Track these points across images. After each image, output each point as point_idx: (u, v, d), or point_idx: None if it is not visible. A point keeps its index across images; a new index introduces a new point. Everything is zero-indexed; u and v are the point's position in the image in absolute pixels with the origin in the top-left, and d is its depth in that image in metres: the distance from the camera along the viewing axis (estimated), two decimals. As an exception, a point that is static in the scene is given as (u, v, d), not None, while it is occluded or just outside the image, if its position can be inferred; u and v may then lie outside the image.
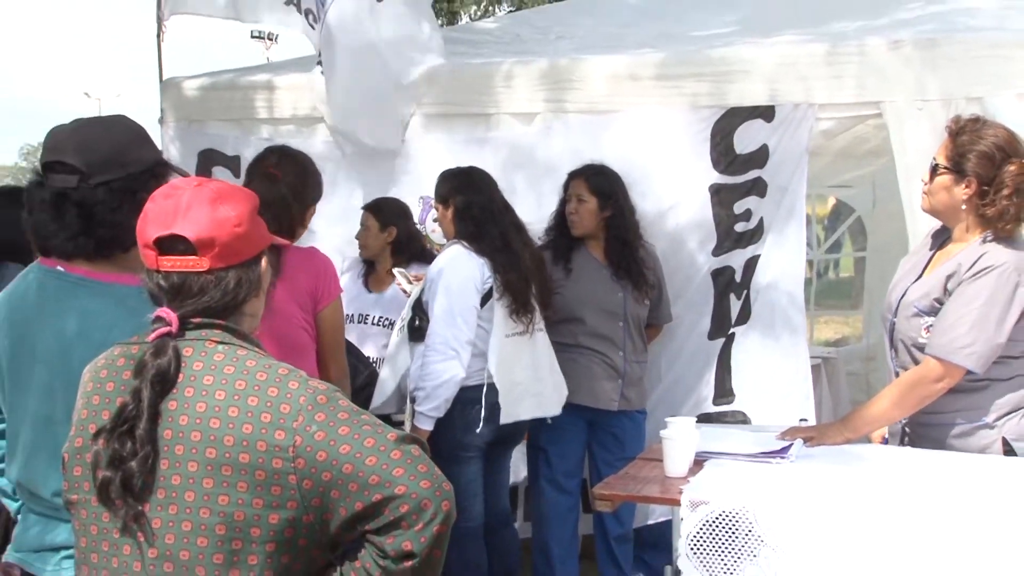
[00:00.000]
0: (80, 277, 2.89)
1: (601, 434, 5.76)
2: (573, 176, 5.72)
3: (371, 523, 2.22)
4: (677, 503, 3.45)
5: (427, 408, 5.03)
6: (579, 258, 5.73)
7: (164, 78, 6.96)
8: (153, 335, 2.30)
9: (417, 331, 5.23)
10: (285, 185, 4.24)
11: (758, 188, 5.70)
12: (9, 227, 5.59)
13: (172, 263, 2.32)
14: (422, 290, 5.28)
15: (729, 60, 5.75)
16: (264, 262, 2.47)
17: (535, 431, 5.64)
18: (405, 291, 5.65)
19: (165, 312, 2.32)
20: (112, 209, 2.83)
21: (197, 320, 2.34)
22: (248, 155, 6.49)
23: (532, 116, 6.25)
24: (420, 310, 5.24)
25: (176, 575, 2.24)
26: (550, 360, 5.44)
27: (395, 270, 5.83)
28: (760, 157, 5.66)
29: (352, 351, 5.17)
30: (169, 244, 2.31)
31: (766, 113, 5.61)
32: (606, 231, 5.70)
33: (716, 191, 5.75)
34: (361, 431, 2.23)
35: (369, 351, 5.86)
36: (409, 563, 2.21)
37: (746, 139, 5.67)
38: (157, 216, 2.34)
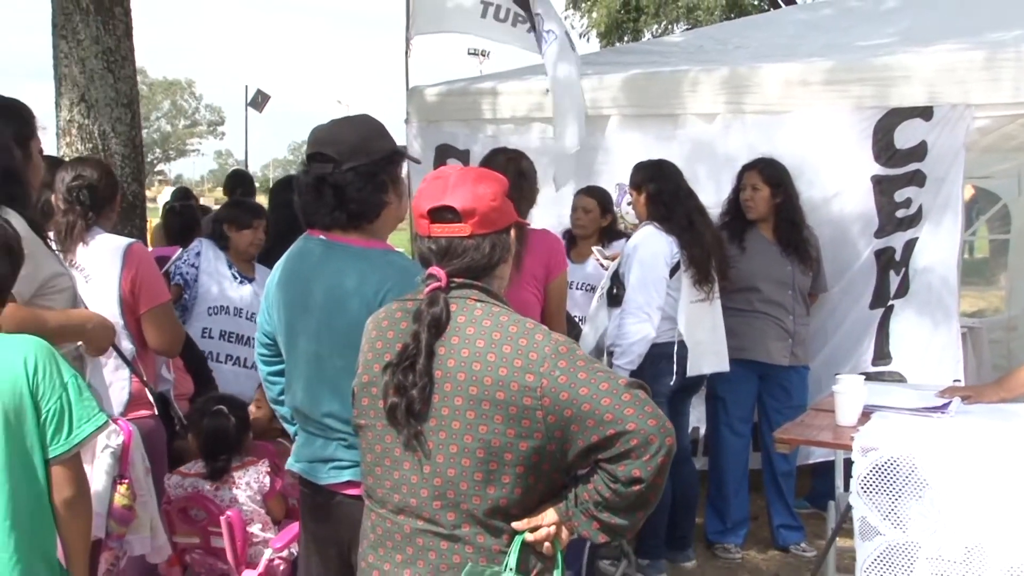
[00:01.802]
0: (336, 243, 2.98)
1: (771, 386, 5.69)
2: (748, 168, 5.65)
3: (604, 453, 2.23)
4: (849, 448, 3.37)
5: (623, 362, 5.02)
6: (752, 238, 5.67)
7: (409, 87, 7.05)
8: (427, 289, 2.34)
9: (615, 298, 5.23)
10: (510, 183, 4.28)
11: (917, 179, 5.57)
12: (291, 208, 5.82)
13: (441, 229, 2.37)
14: (619, 263, 5.27)
15: (892, 67, 5.61)
16: (512, 234, 2.48)
17: (714, 383, 5.61)
18: (603, 264, 5.69)
19: (436, 270, 2.36)
20: (359, 188, 2.92)
21: (459, 280, 2.37)
22: (476, 149, 6.64)
23: (713, 116, 6.21)
24: (617, 280, 5.24)
25: (444, 488, 2.29)
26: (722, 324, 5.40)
27: (594, 248, 5.86)
28: (919, 152, 5.52)
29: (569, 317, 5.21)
30: (439, 213, 2.37)
31: (925, 113, 5.47)
32: (776, 215, 5.63)
33: (878, 181, 5.65)
34: (596, 376, 2.24)
35: (573, 312, 5.87)
36: (637, 487, 2.22)
37: (906, 136, 5.53)
38: (430, 192, 2.40)
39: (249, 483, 4.06)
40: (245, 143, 51.14)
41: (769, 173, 5.58)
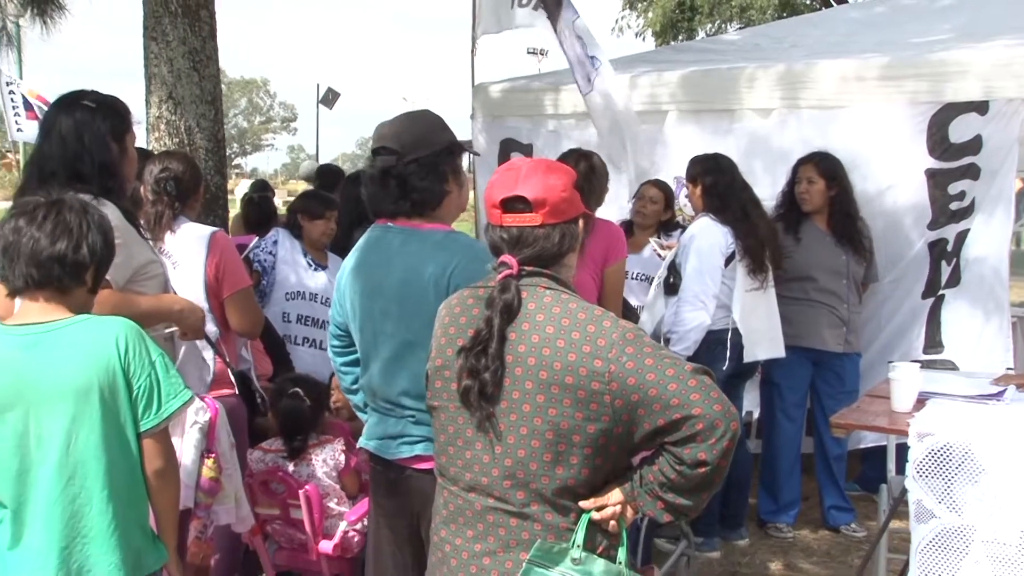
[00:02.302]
0: (402, 228, 3.01)
1: (825, 372, 5.61)
2: (803, 161, 5.57)
3: (670, 436, 2.20)
4: (904, 434, 3.29)
5: (679, 348, 4.97)
6: (807, 229, 5.59)
7: (475, 83, 7.04)
8: (499, 277, 2.33)
9: (671, 287, 5.18)
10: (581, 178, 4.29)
11: (972, 172, 5.44)
12: (360, 201, 5.84)
13: (513, 219, 2.35)
14: (675, 253, 5.22)
15: (947, 62, 5.48)
16: (580, 224, 2.45)
17: (769, 369, 5.55)
18: (659, 255, 5.63)
19: (507, 258, 2.34)
20: (421, 178, 2.96)
21: (530, 268, 2.35)
22: (539, 143, 6.63)
23: (769, 111, 6.11)
24: (674, 270, 5.19)
25: (515, 468, 2.28)
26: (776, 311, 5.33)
27: (651, 239, 5.80)
28: (974, 145, 5.39)
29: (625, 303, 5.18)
30: (511, 203, 2.35)
31: (980, 107, 5.33)
32: (831, 206, 5.56)
33: (932, 175, 5.52)
34: (663, 362, 2.21)
35: (631, 300, 5.83)
36: (703, 470, 2.19)
37: (961, 130, 5.40)
38: (502, 183, 2.38)
39: (325, 460, 4.08)
40: (316, 138, 51.52)
41: (824, 166, 5.50)
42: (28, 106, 14.37)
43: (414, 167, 2.95)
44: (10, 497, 2.49)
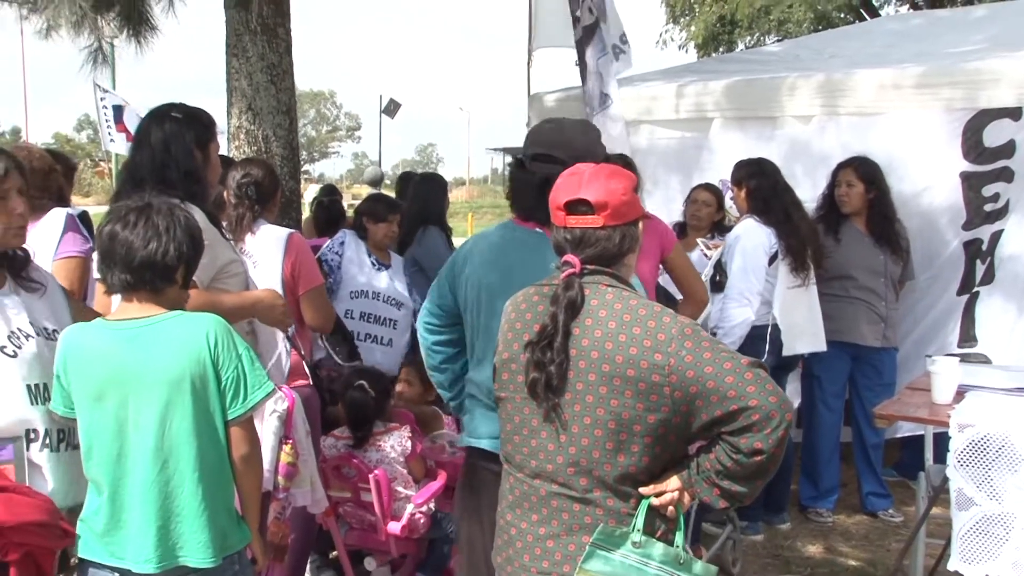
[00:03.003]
0: (544, 234, 2.78)
1: (863, 366, 5.54)
2: (843, 166, 5.50)
3: (727, 426, 2.18)
4: (945, 425, 3.24)
5: (725, 343, 4.89)
6: (846, 230, 5.52)
7: (531, 93, 7.01)
8: (563, 275, 2.30)
9: (717, 284, 5.14)
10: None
11: (1005, 175, 5.33)
12: (427, 200, 5.86)
13: (576, 221, 2.33)
14: (721, 252, 5.18)
15: (982, 71, 5.39)
16: (640, 226, 2.42)
17: (810, 362, 5.47)
18: (706, 254, 5.57)
19: (570, 258, 2.32)
20: None
21: (592, 267, 2.32)
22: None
23: (810, 118, 6.05)
24: (720, 268, 5.15)
25: (579, 455, 2.26)
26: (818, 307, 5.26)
27: (699, 239, 5.74)
28: (1008, 149, 5.28)
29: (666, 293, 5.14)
30: (574, 206, 2.32)
31: (1014, 113, 5.24)
32: (870, 209, 5.48)
33: (966, 177, 5.43)
34: (720, 356, 2.19)
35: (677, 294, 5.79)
36: (758, 458, 2.17)
37: (994, 135, 5.31)
38: (566, 186, 2.36)
39: (393, 446, 4.08)
40: (379, 145, 51.94)
41: (864, 171, 5.43)
42: (119, 118, 14.67)
43: None
44: (109, 480, 2.51)
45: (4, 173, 2.66)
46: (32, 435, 2.63)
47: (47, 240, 3.64)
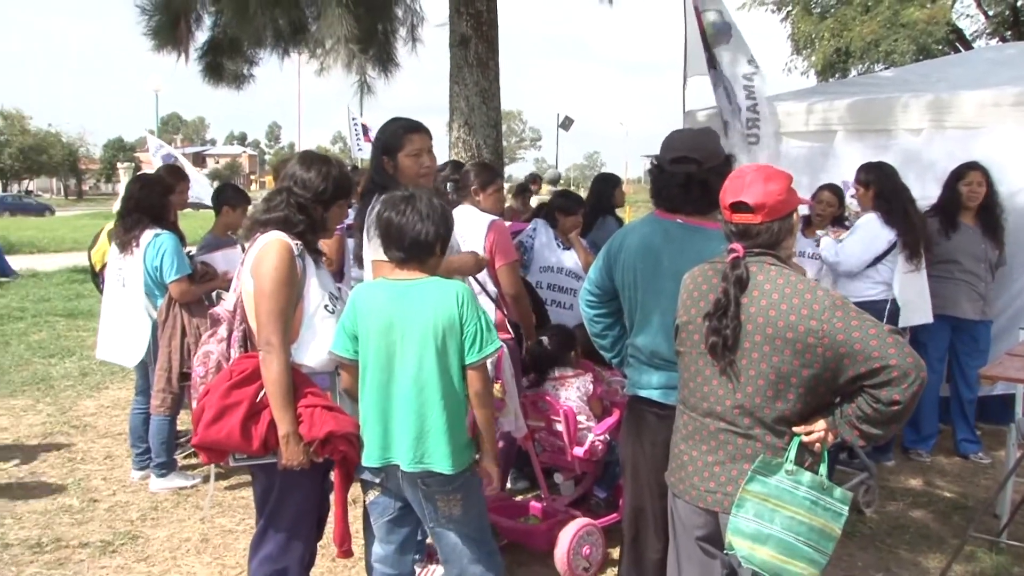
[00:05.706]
0: (690, 225, 2.73)
1: (963, 335, 5.24)
2: (972, 168, 5.13)
3: (869, 380, 2.08)
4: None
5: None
6: (957, 222, 5.18)
7: (686, 109, 6.82)
8: (730, 258, 2.24)
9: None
10: None
11: None
12: (602, 195, 5.79)
13: (739, 218, 2.25)
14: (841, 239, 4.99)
15: None
16: (796, 215, 2.31)
17: (916, 332, 5.13)
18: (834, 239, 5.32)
19: (735, 245, 2.25)
20: (716, 184, 2.56)
21: (757, 250, 2.24)
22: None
23: (919, 131, 5.74)
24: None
25: (743, 400, 2.21)
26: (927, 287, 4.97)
27: (818, 231, 5.49)
28: None
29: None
30: (737, 206, 2.25)
31: None
32: (981, 204, 5.15)
33: None
34: (865, 323, 2.09)
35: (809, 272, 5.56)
36: (895, 408, 2.07)
37: None
38: (731, 188, 2.28)
39: (578, 387, 4.06)
40: (556, 153, 52.47)
41: (988, 174, 5.12)
42: (366, 132, 15.53)
43: (712, 175, 2.63)
44: (376, 399, 2.57)
45: None
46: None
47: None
